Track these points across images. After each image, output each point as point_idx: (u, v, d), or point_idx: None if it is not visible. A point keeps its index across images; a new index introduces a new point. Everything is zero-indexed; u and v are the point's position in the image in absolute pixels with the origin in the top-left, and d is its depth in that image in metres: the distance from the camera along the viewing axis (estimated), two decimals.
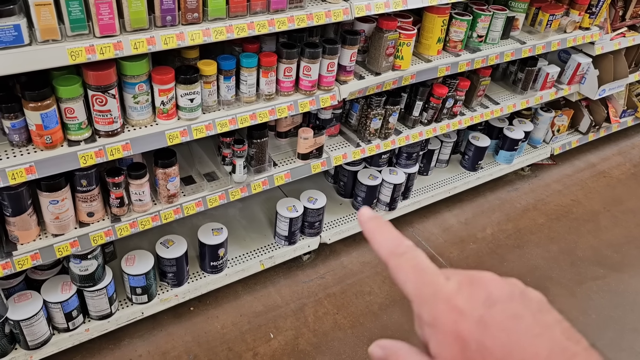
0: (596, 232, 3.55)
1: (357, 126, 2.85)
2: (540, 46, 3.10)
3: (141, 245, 2.63)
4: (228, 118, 2.15)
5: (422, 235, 3.35)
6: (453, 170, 3.68)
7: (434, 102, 2.92)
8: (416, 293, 0.48)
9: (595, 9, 3.24)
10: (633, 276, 3.22)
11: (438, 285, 0.47)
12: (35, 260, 2.00)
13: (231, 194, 2.40)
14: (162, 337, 2.57)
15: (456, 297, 0.46)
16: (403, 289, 0.49)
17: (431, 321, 0.46)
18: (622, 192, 3.96)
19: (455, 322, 0.45)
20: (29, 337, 2.17)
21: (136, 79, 1.90)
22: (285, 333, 2.66)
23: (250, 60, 2.13)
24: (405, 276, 0.49)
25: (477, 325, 0.44)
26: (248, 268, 2.77)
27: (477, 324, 0.44)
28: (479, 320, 0.44)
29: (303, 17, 2.06)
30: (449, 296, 0.46)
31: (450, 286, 0.47)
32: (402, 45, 2.49)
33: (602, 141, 4.47)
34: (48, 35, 1.62)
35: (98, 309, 2.34)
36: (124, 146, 1.94)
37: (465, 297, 0.45)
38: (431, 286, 0.47)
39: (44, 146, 1.81)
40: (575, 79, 3.64)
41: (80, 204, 2.05)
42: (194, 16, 1.85)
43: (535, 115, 3.88)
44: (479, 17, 2.78)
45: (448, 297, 0.46)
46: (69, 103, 1.79)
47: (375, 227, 0.53)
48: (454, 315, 0.45)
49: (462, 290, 0.46)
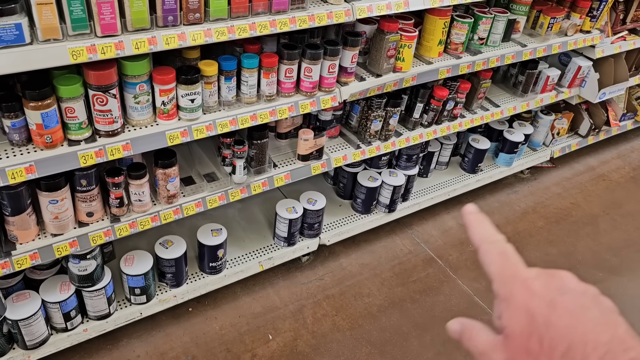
0: (595, 236, 3.55)
1: (358, 128, 2.85)
2: (541, 49, 3.10)
3: (140, 245, 2.62)
4: (229, 119, 2.15)
5: (421, 237, 3.35)
6: (453, 172, 3.68)
7: (434, 104, 2.91)
8: (498, 273, 0.56)
9: (597, 12, 3.24)
10: (632, 280, 3.22)
11: (518, 270, 0.55)
12: (34, 260, 1.99)
13: (231, 194, 2.40)
14: (160, 338, 2.56)
15: (533, 282, 0.53)
16: (487, 270, 0.57)
17: (506, 297, 0.53)
18: (621, 196, 3.96)
19: (528, 299, 0.51)
20: (27, 337, 2.16)
21: (137, 79, 1.89)
22: (283, 334, 2.65)
23: (252, 61, 2.13)
24: (492, 259, 0.57)
25: (547, 305, 0.50)
26: (247, 269, 2.76)
27: (547, 304, 0.50)
28: (549, 302, 0.50)
29: (305, 18, 2.05)
30: (526, 279, 0.53)
31: (530, 273, 0.54)
32: (404, 47, 2.49)
33: (601, 144, 4.47)
34: (49, 35, 1.61)
35: (96, 309, 2.33)
36: (124, 146, 1.94)
37: (541, 283, 0.52)
38: (512, 269, 0.55)
39: (44, 146, 1.81)
40: (575, 82, 3.64)
41: (80, 204, 2.05)
42: (195, 16, 1.85)
43: (535, 118, 3.88)
44: (480, 20, 2.78)
45: (525, 279, 0.53)
46: (69, 102, 1.78)
47: (475, 219, 0.62)
48: (528, 294, 0.52)
49: (540, 277, 0.53)
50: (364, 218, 3.17)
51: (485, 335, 0.56)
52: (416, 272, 3.10)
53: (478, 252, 0.59)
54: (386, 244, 3.28)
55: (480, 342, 0.56)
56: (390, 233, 3.35)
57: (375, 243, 3.27)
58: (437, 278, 3.08)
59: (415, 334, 2.73)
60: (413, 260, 3.18)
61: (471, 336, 0.57)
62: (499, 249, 0.58)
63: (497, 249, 0.58)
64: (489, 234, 0.60)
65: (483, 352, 0.55)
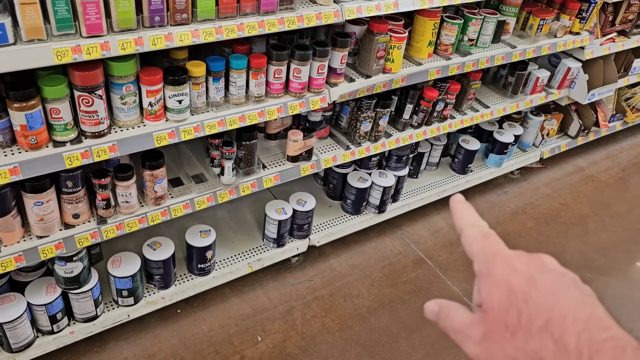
0: (584, 236, 3.56)
1: (347, 129, 2.84)
2: (531, 50, 3.10)
3: (128, 246, 2.60)
4: (217, 120, 2.13)
5: (411, 238, 3.35)
6: (443, 173, 3.68)
7: (424, 105, 2.91)
8: (479, 252, 0.56)
9: (586, 14, 3.25)
10: (620, 280, 3.24)
11: (500, 249, 0.56)
12: (19, 262, 1.97)
13: (219, 196, 2.38)
14: (148, 340, 2.55)
15: (514, 260, 0.53)
16: (469, 249, 0.58)
17: (486, 273, 0.54)
18: (610, 196, 3.99)
19: (508, 275, 0.52)
20: (12, 340, 2.14)
21: (124, 79, 1.87)
22: (273, 336, 2.64)
23: (240, 61, 2.12)
24: (474, 239, 0.58)
25: (527, 281, 0.50)
26: (236, 270, 2.75)
27: (527, 281, 0.50)
28: (529, 278, 0.51)
29: (293, 18, 2.04)
30: (508, 257, 0.54)
31: (511, 252, 0.55)
32: (393, 48, 2.48)
33: (591, 145, 4.50)
34: (33, 35, 1.59)
35: (83, 311, 2.31)
36: (110, 147, 1.92)
37: (522, 261, 0.53)
38: (494, 248, 0.56)
39: (28, 147, 1.79)
40: (565, 83, 3.65)
41: (66, 206, 2.02)
42: (182, 17, 1.83)
43: (525, 119, 3.89)
44: (470, 21, 2.78)
45: (506, 257, 0.54)
46: (54, 103, 1.76)
47: (461, 206, 0.63)
48: (508, 270, 0.52)
49: (521, 257, 0.54)
50: (354, 219, 3.16)
51: (463, 313, 0.55)
52: (406, 273, 3.10)
53: (460, 235, 0.60)
54: (376, 244, 3.28)
55: (457, 319, 0.55)
56: (380, 234, 3.35)
57: (365, 244, 3.27)
58: (426, 279, 3.08)
59: (405, 335, 2.73)
60: (403, 261, 3.18)
61: (448, 314, 0.56)
62: (482, 231, 0.58)
63: (480, 231, 0.58)
64: (473, 219, 0.61)
65: (459, 329, 0.54)
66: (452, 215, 0.63)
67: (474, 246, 0.57)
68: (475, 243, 0.57)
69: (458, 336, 0.54)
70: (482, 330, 0.52)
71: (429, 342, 2.70)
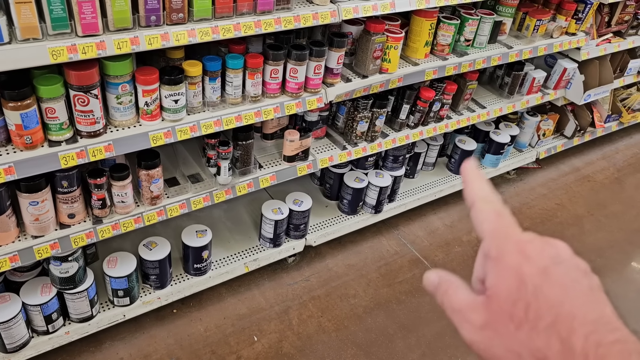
0: (580, 236, 3.57)
1: (344, 129, 2.84)
2: (527, 51, 3.11)
3: (124, 246, 2.60)
4: (213, 119, 2.13)
5: (407, 238, 3.35)
6: (439, 173, 3.69)
7: (420, 106, 2.91)
8: (491, 231, 0.53)
9: (582, 15, 3.26)
10: (615, 280, 3.25)
11: (513, 231, 0.52)
12: (14, 262, 1.96)
13: (216, 196, 2.38)
14: (144, 340, 2.54)
15: (527, 245, 0.50)
16: (479, 227, 0.54)
17: (497, 255, 0.50)
18: (605, 197, 4.00)
19: (520, 263, 0.49)
20: (7, 340, 2.13)
21: (119, 79, 1.87)
22: (269, 336, 2.64)
23: (236, 61, 2.11)
24: (486, 216, 0.54)
25: (540, 272, 0.48)
26: (232, 270, 2.75)
27: (539, 271, 0.48)
28: (542, 269, 0.48)
29: (290, 18, 2.04)
30: (521, 242, 0.50)
31: (524, 236, 0.51)
32: (390, 49, 2.48)
33: (586, 146, 4.51)
34: (28, 34, 1.58)
35: (79, 311, 2.30)
36: (106, 147, 1.91)
37: (535, 248, 0.50)
38: (507, 229, 0.52)
39: (23, 146, 1.78)
40: (561, 83, 3.66)
41: (61, 205, 2.02)
42: (179, 16, 1.83)
43: (521, 120, 3.90)
44: (466, 21, 2.79)
45: (519, 241, 0.50)
46: (49, 103, 1.76)
47: (474, 175, 0.58)
48: (521, 257, 0.49)
49: (534, 242, 0.50)
50: (351, 219, 3.16)
51: (464, 293, 0.52)
52: (402, 273, 3.10)
53: (471, 208, 0.56)
54: (372, 244, 3.28)
55: (457, 298, 0.52)
56: (377, 234, 3.35)
57: (361, 244, 3.27)
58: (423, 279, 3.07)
59: (401, 335, 2.73)
60: (399, 261, 3.18)
61: (447, 291, 0.53)
62: (495, 208, 0.54)
63: (493, 208, 0.54)
64: (486, 192, 0.56)
65: (458, 309, 0.52)
66: (464, 184, 0.58)
67: (486, 225, 0.53)
68: (487, 221, 0.53)
69: (456, 316, 0.52)
70: (484, 316, 0.49)
71: (425, 342, 2.70)
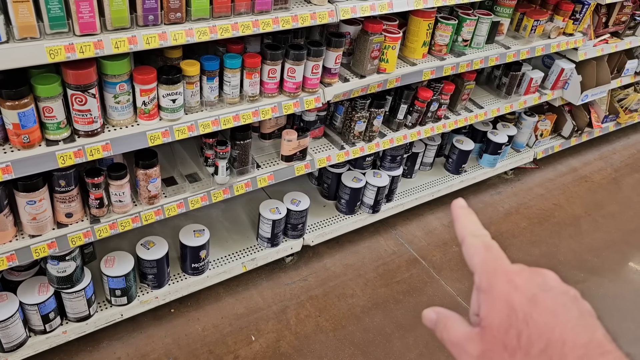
0: (577, 237, 3.58)
1: (342, 129, 2.84)
2: (525, 51, 3.12)
3: (121, 246, 2.59)
4: (211, 119, 2.13)
5: (405, 238, 3.35)
6: (437, 173, 3.69)
7: (418, 106, 2.92)
8: (481, 265, 0.55)
9: (579, 16, 3.27)
10: (612, 280, 3.25)
11: (502, 263, 0.54)
12: (11, 261, 1.96)
13: (213, 195, 2.38)
14: (141, 340, 2.54)
15: (515, 276, 0.52)
16: (470, 261, 0.57)
17: (487, 288, 0.53)
18: (603, 197, 4.01)
19: (509, 292, 0.51)
20: (4, 340, 2.13)
21: (117, 78, 1.87)
22: (266, 336, 2.64)
23: (234, 61, 2.11)
24: (475, 251, 0.57)
25: (529, 300, 0.50)
26: (230, 270, 2.75)
27: (528, 300, 0.50)
28: (531, 297, 0.50)
29: (288, 18, 2.04)
30: (509, 273, 0.53)
31: (513, 267, 0.54)
32: (388, 49, 2.49)
33: (584, 146, 4.52)
34: (26, 33, 1.58)
35: (76, 310, 2.30)
36: (104, 146, 1.91)
37: (523, 277, 0.52)
38: (495, 262, 0.55)
39: (21, 146, 1.78)
40: (558, 84, 3.67)
41: (59, 205, 2.01)
42: (176, 16, 1.83)
43: (518, 120, 3.90)
44: (464, 22, 2.79)
45: (508, 273, 0.53)
46: (47, 102, 1.76)
47: (463, 213, 0.62)
48: (510, 287, 0.51)
49: (523, 273, 0.53)
50: (348, 219, 3.17)
51: (461, 326, 0.55)
52: (400, 273, 3.10)
53: (462, 244, 0.59)
54: (370, 244, 3.28)
55: (455, 332, 0.55)
56: (375, 234, 3.35)
57: (359, 244, 3.27)
58: (420, 279, 3.08)
59: (399, 335, 2.73)
60: (397, 261, 3.18)
61: (446, 325, 0.56)
62: (483, 242, 0.57)
63: (481, 242, 0.57)
64: (475, 227, 0.60)
65: (457, 343, 0.54)
66: (454, 221, 0.62)
67: (475, 258, 0.56)
68: (477, 255, 0.56)
69: (455, 349, 0.54)
70: (480, 347, 0.51)
71: (423, 342, 2.70)
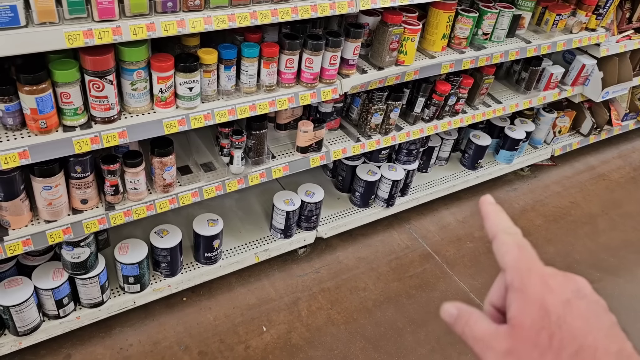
0: (593, 235, 3.53)
1: (358, 121, 2.82)
2: (546, 46, 3.06)
3: (135, 233, 2.60)
4: (227, 108, 2.11)
5: (419, 233, 3.33)
6: (452, 168, 3.65)
7: (436, 99, 2.88)
8: (513, 264, 0.55)
9: (603, 10, 3.20)
10: (629, 280, 3.20)
11: (535, 265, 0.54)
12: (26, 246, 1.97)
13: (228, 185, 2.37)
14: (153, 327, 2.55)
15: (550, 279, 0.53)
16: (501, 259, 0.57)
17: (520, 287, 0.53)
18: (621, 196, 3.94)
19: (544, 294, 0.51)
20: (18, 323, 2.14)
21: (135, 65, 1.86)
22: (278, 327, 2.64)
23: (252, 50, 2.10)
24: (508, 249, 0.56)
25: (563, 304, 0.50)
26: (243, 260, 2.74)
27: (563, 303, 0.50)
28: (566, 301, 0.50)
29: (307, 8, 2.02)
30: (544, 275, 0.53)
31: (547, 269, 0.54)
32: (407, 40, 2.45)
33: (602, 144, 4.45)
34: (45, 18, 1.58)
35: (89, 296, 2.31)
36: (120, 133, 1.91)
37: (558, 282, 0.52)
38: (529, 262, 0.55)
39: (38, 131, 1.78)
40: (579, 80, 3.61)
41: (74, 191, 2.02)
42: (195, 3, 1.81)
43: (537, 116, 3.85)
44: (485, 15, 2.75)
45: (542, 275, 0.53)
46: (65, 88, 1.75)
47: (493, 210, 0.61)
48: (544, 289, 0.51)
49: (557, 277, 0.53)
50: (362, 212, 3.15)
51: (485, 322, 0.55)
52: (413, 268, 3.08)
53: (493, 241, 0.59)
54: (383, 238, 3.26)
55: (478, 328, 0.55)
56: (388, 227, 3.33)
57: (372, 237, 3.25)
58: (433, 274, 3.06)
59: (410, 330, 2.72)
60: (410, 256, 3.16)
61: (468, 321, 0.56)
62: (516, 240, 0.57)
63: (514, 240, 0.57)
64: (507, 225, 0.59)
65: (480, 338, 0.54)
66: (484, 218, 0.61)
67: (508, 257, 0.56)
68: (509, 253, 0.56)
69: (477, 344, 0.54)
70: (507, 344, 0.51)
71: (434, 337, 2.69)
